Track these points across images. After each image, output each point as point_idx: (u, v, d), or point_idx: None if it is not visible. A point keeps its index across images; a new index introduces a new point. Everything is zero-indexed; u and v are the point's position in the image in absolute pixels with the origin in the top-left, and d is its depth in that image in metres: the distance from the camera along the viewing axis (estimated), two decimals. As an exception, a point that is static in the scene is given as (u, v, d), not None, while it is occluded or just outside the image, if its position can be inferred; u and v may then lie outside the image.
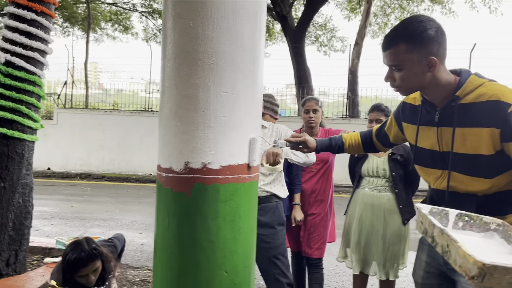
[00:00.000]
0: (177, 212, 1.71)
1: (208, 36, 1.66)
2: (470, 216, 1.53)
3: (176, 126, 1.70)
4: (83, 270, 2.22)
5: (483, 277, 1.14)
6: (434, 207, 1.57)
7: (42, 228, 5.84)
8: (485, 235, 1.50)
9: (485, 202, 1.60)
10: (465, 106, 1.56)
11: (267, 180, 2.71)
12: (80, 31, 16.95)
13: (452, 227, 1.54)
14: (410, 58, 1.54)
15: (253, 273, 1.89)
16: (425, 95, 1.67)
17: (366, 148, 2.15)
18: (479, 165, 1.56)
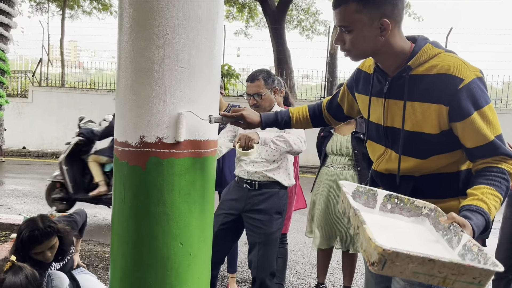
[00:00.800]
0: (132, 185, 1.74)
1: (163, 10, 1.66)
2: (400, 199, 1.44)
3: (132, 100, 1.72)
4: (37, 247, 2.22)
5: (384, 264, 1.05)
6: (361, 186, 1.49)
7: (14, 206, 5.79)
8: (415, 220, 1.41)
9: (423, 184, 1.50)
10: (416, 78, 1.43)
11: (271, 167, 2.65)
12: (55, 7, 16.46)
13: (379, 209, 1.45)
14: (360, 19, 1.39)
15: (209, 246, 1.93)
16: (378, 62, 1.53)
17: (314, 122, 1.97)
18: (417, 143, 1.46)
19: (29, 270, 2.02)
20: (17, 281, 1.92)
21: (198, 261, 1.83)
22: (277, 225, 2.66)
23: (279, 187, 2.67)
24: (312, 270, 3.89)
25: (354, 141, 2.94)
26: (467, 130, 1.37)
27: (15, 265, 1.98)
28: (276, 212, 2.65)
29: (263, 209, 2.63)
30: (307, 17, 15.99)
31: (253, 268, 2.69)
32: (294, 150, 2.49)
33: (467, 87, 1.34)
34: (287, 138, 2.45)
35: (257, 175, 2.65)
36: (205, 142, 1.81)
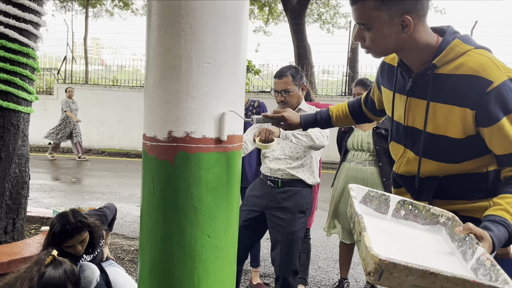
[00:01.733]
0: (161, 179, 1.78)
1: (191, 7, 1.69)
2: (415, 205, 1.35)
3: (160, 96, 1.75)
4: (69, 241, 2.29)
5: (380, 274, 0.99)
6: (373, 190, 1.40)
7: (41, 200, 5.96)
8: (431, 228, 1.31)
9: (448, 184, 1.41)
10: (441, 78, 1.32)
11: (294, 164, 2.62)
12: (78, 6, 16.77)
13: (392, 215, 1.36)
14: (379, 16, 1.29)
15: (235, 239, 1.97)
16: (402, 58, 1.43)
17: (356, 118, 1.90)
18: (444, 148, 1.36)
19: (69, 265, 2.07)
20: (55, 275, 1.97)
21: (225, 253, 1.86)
22: (300, 224, 2.62)
23: (302, 185, 2.63)
24: (334, 266, 3.90)
25: (375, 137, 2.93)
26: (495, 137, 1.26)
27: (56, 260, 2.04)
28: (299, 211, 2.61)
29: (286, 207, 2.60)
30: (327, 10, 15.85)
31: (276, 266, 2.69)
32: (316, 144, 2.46)
33: (496, 90, 1.23)
34: (309, 132, 2.43)
35: (280, 173, 2.63)
36: (231, 137, 1.83)
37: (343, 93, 12.44)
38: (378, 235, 1.16)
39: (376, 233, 1.21)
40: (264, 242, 4.42)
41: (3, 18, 3.07)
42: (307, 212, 2.66)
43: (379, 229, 1.27)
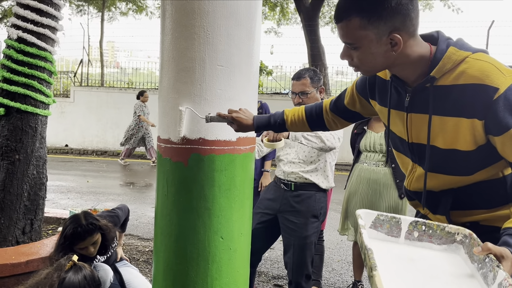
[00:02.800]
0: (175, 180, 1.80)
1: (204, 10, 1.71)
2: (429, 225, 1.27)
3: (174, 98, 1.78)
4: (80, 243, 2.31)
5: None
6: (382, 214, 1.31)
7: (58, 201, 6.05)
8: (448, 248, 1.24)
9: (464, 195, 1.34)
10: (443, 89, 1.25)
11: (308, 168, 2.58)
12: (94, 9, 17.02)
13: (405, 237, 1.29)
14: (365, 35, 1.21)
15: (249, 240, 1.98)
16: (394, 73, 1.34)
17: (312, 125, 1.75)
18: (456, 162, 1.29)
19: (88, 271, 2.08)
20: (75, 281, 1.98)
21: (238, 255, 1.87)
22: (313, 228, 2.58)
23: (316, 189, 2.59)
24: (348, 268, 3.88)
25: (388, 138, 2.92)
26: (508, 144, 1.18)
27: (76, 265, 2.05)
28: (312, 215, 2.57)
29: (299, 211, 2.57)
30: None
31: (289, 270, 2.67)
32: (326, 146, 2.43)
33: (503, 96, 1.15)
34: (319, 133, 2.39)
35: (293, 176, 2.61)
36: (243, 139, 1.85)
37: (357, 94, 12.38)
38: (391, 263, 1.10)
39: (389, 261, 1.15)
40: (277, 244, 4.42)
41: (21, 23, 3.14)
42: (321, 217, 2.62)
43: (392, 256, 1.20)
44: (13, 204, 3.16)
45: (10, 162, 3.14)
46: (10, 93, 3.14)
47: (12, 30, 3.14)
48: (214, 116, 1.68)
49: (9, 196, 3.14)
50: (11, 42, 3.14)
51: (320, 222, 2.64)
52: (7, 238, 3.15)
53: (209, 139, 1.76)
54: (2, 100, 3.13)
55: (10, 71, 3.15)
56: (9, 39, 3.18)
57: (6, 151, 3.14)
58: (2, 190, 3.13)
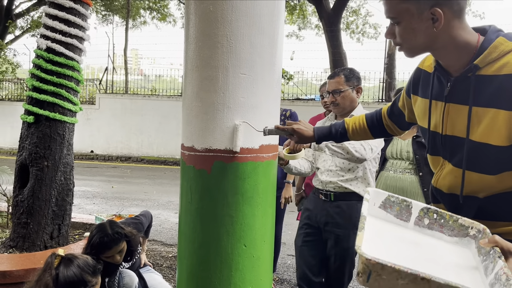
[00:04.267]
0: (198, 188, 1.82)
1: (227, 19, 1.73)
2: (441, 214, 1.22)
3: (198, 106, 1.80)
4: (107, 252, 2.34)
5: (368, 275, 0.93)
6: (393, 196, 1.29)
7: (84, 206, 6.18)
8: (459, 241, 1.19)
9: (489, 205, 1.27)
10: (483, 79, 1.20)
11: (347, 176, 2.42)
12: (119, 18, 17.40)
13: (414, 223, 1.25)
14: (407, 8, 1.20)
15: (271, 248, 1.97)
16: (438, 59, 1.31)
17: (374, 132, 1.75)
18: (481, 157, 1.24)
19: (80, 258, 2.03)
20: (70, 273, 1.93)
21: (261, 263, 1.87)
22: (355, 241, 2.43)
23: (357, 198, 2.40)
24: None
25: (415, 146, 2.85)
26: None
27: (65, 258, 2.00)
28: (354, 227, 2.32)
29: (339, 223, 2.40)
30: (355, 19, 15.62)
31: (325, 280, 2.55)
32: (355, 157, 2.23)
33: None
34: (345, 144, 2.21)
35: (331, 185, 2.44)
36: (266, 146, 1.85)
37: (380, 99, 12.24)
38: (390, 242, 1.07)
39: (389, 239, 1.13)
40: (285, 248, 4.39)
41: (50, 33, 3.25)
42: None
43: (394, 236, 1.16)
44: (42, 210, 3.24)
45: (39, 168, 3.23)
46: (39, 102, 3.24)
47: (42, 40, 3.25)
48: (272, 129, 1.73)
49: (37, 202, 3.23)
50: (41, 52, 3.25)
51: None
52: (36, 242, 3.23)
53: (232, 147, 1.76)
54: (32, 108, 3.23)
55: (39, 80, 3.25)
56: (38, 49, 3.29)
57: (35, 158, 3.23)
58: (31, 196, 3.23)
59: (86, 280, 1.97)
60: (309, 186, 3.24)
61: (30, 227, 3.23)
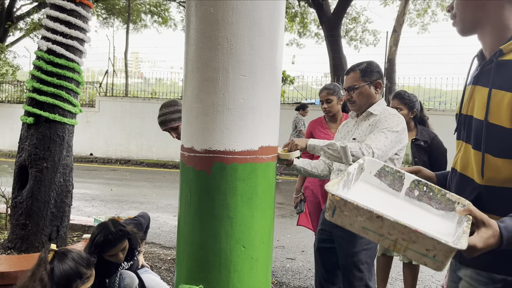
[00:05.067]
0: (198, 189, 1.82)
1: (228, 21, 1.73)
2: (430, 187, 1.28)
3: (198, 108, 1.80)
4: (112, 250, 2.35)
5: (333, 211, 1.04)
6: (388, 166, 1.36)
7: (83, 209, 6.17)
8: (445, 215, 1.24)
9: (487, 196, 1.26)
10: (503, 64, 1.25)
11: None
12: (120, 22, 17.44)
13: (405, 193, 1.32)
14: None
15: (270, 250, 1.97)
16: (480, 40, 1.36)
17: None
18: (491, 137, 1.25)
19: (74, 252, 2.03)
20: (65, 267, 1.93)
21: (260, 264, 1.87)
22: (361, 245, 2.21)
23: None
24: (371, 280, 3.81)
25: (414, 149, 2.86)
26: None
27: (58, 252, 2.00)
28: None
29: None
30: (354, 26, 15.64)
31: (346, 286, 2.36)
32: (350, 161, 2.06)
33: None
34: (338, 147, 2.07)
35: None
36: (265, 148, 1.85)
37: (379, 104, 12.28)
38: (377, 205, 1.10)
39: (376, 203, 1.17)
40: (298, 254, 4.38)
41: (51, 35, 3.25)
42: None
43: (382, 201, 1.23)
44: (41, 211, 3.24)
45: (38, 170, 3.23)
46: (39, 103, 3.24)
47: (42, 42, 3.26)
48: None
49: (36, 203, 3.23)
50: (41, 54, 3.25)
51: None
52: (34, 244, 3.23)
53: (231, 148, 1.77)
54: (32, 109, 3.23)
55: (40, 81, 3.26)
56: (39, 50, 3.30)
57: (34, 159, 3.23)
58: (30, 197, 3.22)
59: (81, 272, 1.97)
60: (308, 189, 3.24)
61: (29, 228, 3.22)
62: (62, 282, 1.91)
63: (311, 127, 3.28)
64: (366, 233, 1.03)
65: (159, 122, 3.04)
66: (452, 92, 12.11)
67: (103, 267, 2.34)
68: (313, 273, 2.78)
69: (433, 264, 0.99)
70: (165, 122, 3.00)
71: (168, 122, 2.99)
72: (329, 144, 2.11)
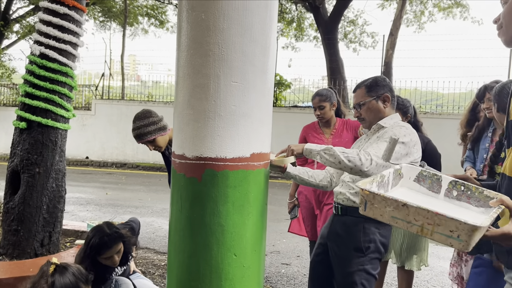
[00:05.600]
0: (189, 196, 1.80)
1: (219, 27, 1.72)
2: (467, 187, 1.36)
3: (189, 114, 1.79)
4: (107, 252, 2.34)
5: (365, 204, 1.16)
6: (426, 170, 1.45)
7: (77, 213, 6.13)
8: (485, 211, 1.29)
9: None
10: None
11: (357, 188, 2.01)
12: (117, 25, 17.43)
13: (444, 194, 1.40)
14: None
15: (262, 258, 1.95)
16: None
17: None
18: None
19: (74, 267, 2.06)
20: (66, 281, 1.95)
21: (251, 272, 1.85)
22: (356, 265, 2.05)
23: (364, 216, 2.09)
24: None
25: None
26: None
27: (59, 266, 2.02)
28: (355, 247, 2.06)
29: (341, 241, 2.12)
30: (352, 29, 15.66)
31: None
32: (348, 167, 1.94)
33: None
34: (336, 152, 1.96)
35: (341, 197, 2.17)
36: (257, 155, 1.84)
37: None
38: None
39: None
40: (293, 259, 4.36)
41: (44, 39, 3.24)
42: (369, 252, 2.05)
43: (424, 202, 1.26)
44: (33, 217, 3.21)
45: (30, 175, 3.21)
46: (31, 108, 3.22)
47: (35, 46, 3.24)
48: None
49: (28, 208, 3.20)
50: (34, 58, 3.23)
51: (370, 260, 2.07)
52: (26, 250, 3.20)
53: (223, 155, 1.75)
54: (24, 114, 3.21)
55: (32, 86, 3.24)
56: (32, 55, 3.28)
57: (26, 164, 3.21)
58: (22, 203, 3.19)
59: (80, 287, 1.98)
60: (302, 194, 3.22)
61: (21, 234, 3.19)
62: None
63: (304, 132, 3.26)
64: (396, 222, 1.13)
65: (134, 136, 2.90)
66: (449, 95, 12.15)
67: (97, 272, 2.32)
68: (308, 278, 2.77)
69: (458, 245, 1.06)
70: (140, 136, 2.88)
71: (144, 136, 2.89)
72: (326, 148, 2.02)
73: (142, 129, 2.87)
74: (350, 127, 3.13)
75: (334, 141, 3.04)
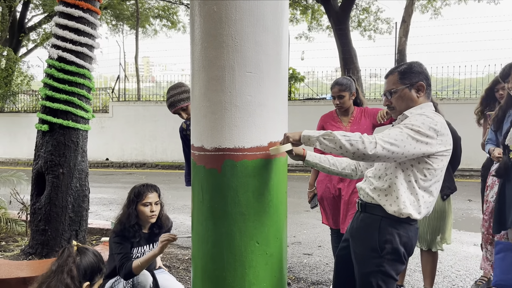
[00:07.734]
0: (209, 187, 1.84)
1: (231, 19, 1.74)
2: None
3: (206, 106, 1.82)
4: (149, 195, 2.60)
5: None
6: None
7: (101, 213, 6.25)
8: None
9: None
10: None
11: (376, 184, 1.95)
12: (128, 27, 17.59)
13: None
14: None
15: (285, 245, 1.98)
16: None
17: None
18: None
19: (92, 249, 2.13)
20: (90, 260, 2.02)
21: (275, 259, 1.88)
22: (372, 265, 1.91)
23: (382, 213, 1.90)
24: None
25: None
26: None
27: (80, 247, 2.08)
28: (370, 248, 1.91)
29: (359, 239, 1.99)
30: (366, 16, 15.49)
31: None
32: (349, 151, 1.77)
33: None
34: (337, 136, 1.78)
35: (362, 193, 2.03)
36: (275, 144, 1.85)
37: (392, 96, 12.15)
38: None
39: None
40: (315, 249, 4.38)
41: (60, 43, 3.31)
42: (385, 254, 1.88)
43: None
44: (59, 216, 3.30)
45: (54, 176, 3.29)
46: (52, 110, 3.31)
47: (53, 50, 3.32)
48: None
49: (55, 208, 3.29)
50: (52, 62, 3.31)
51: (388, 261, 1.89)
52: (54, 249, 3.29)
53: (241, 145, 1.78)
54: (46, 117, 3.29)
55: (52, 89, 3.32)
56: (50, 58, 3.35)
57: (50, 166, 3.29)
58: (48, 203, 3.28)
59: (101, 267, 2.04)
60: (322, 183, 3.22)
61: (48, 233, 3.29)
62: (88, 274, 1.99)
63: (322, 121, 3.26)
64: None
65: (168, 105, 3.07)
66: (466, 80, 11.92)
67: (129, 231, 2.58)
68: (330, 267, 2.77)
69: None
70: (174, 104, 3.04)
71: (177, 103, 3.03)
72: (326, 133, 1.82)
73: (176, 97, 3.04)
74: (368, 114, 3.12)
75: (352, 128, 3.03)
